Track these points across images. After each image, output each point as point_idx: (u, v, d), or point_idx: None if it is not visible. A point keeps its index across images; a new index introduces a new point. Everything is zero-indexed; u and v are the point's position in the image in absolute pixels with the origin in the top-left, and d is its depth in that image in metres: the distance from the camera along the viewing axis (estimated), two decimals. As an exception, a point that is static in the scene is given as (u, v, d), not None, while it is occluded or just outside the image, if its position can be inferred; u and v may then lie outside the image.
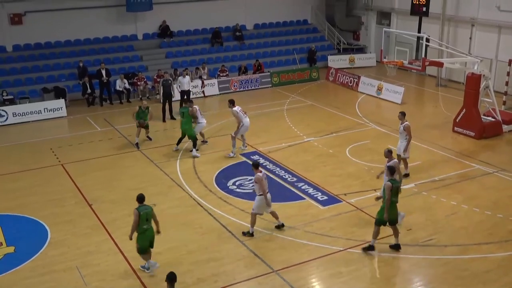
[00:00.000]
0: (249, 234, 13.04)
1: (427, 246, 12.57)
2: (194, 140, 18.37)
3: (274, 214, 13.26)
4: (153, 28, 30.35)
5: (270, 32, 33.34)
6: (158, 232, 11.73)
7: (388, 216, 11.96)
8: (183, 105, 20.23)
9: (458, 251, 12.35)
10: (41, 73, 26.55)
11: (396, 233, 12.30)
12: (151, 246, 11.56)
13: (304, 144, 19.47)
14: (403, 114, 16.08)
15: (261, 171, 12.81)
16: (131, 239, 11.43)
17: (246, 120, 18.23)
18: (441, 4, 27.21)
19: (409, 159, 16.45)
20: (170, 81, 22.98)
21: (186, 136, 18.48)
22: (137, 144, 19.25)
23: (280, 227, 13.33)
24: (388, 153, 13.62)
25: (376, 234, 12.17)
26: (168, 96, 22.69)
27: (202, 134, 19.45)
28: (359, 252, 12.30)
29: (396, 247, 12.30)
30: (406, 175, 16.02)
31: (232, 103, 18.20)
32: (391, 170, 12.13)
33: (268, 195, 12.80)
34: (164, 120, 22.41)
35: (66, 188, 16.19)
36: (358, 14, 34.88)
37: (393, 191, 11.88)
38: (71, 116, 23.81)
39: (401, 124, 15.95)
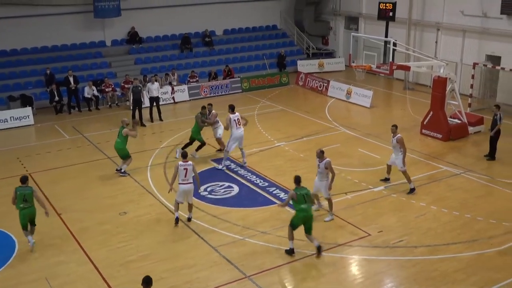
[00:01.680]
0: (176, 221, 13.91)
1: (397, 247, 12.72)
2: (195, 143, 18.31)
3: (189, 206, 14.11)
4: (122, 34, 30.10)
5: (240, 37, 33.40)
6: (46, 213, 12.95)
7: (291, 220, 12.31)
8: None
9: (427, 251, 12.54)
10: (7, 81, 26.04)
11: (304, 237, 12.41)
12: (32, 223, 12.89)
13: (275, 148, 19.53)
14: (395, 127, 15.48)
15: (186, 162, 13.69)
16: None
17: (237, 132, 17.38)
18: (407, 9, 27.69)
19: (380, 161, 16.62)
20: (140, 88, 22.81)
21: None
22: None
23: (189, 219, 14.10)
24: (320, 153, 13.85)
25: (290, 236, 12.31)
26: (138, 102, 22.51)
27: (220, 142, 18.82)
28: (332, 255, 12.37)
29: (319, 250, 12.33)
30: (412, 190, 15.52)
31: (232, 109, 17.55)
32: (297, 179, 12.42)
33: (185, 186, 13.62)
34: (134, 127, 22.18)
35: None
36: (326, 19, 35.21)
37: (299, 200, 12.10)
38: (39, 124, 23.42)
39: (393, 137, 15.44)
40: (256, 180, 16.72)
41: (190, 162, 13.75)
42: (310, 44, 34.60)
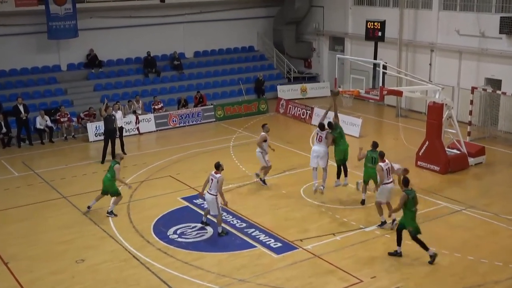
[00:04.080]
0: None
1: (393, 295, 12.71)
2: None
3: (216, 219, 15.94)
4: (80, 57, 30.08)
5: (213, 60, 33.63)
6: None
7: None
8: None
9: (427, 299, 12.54)
10: None
11: None
12: None
13: (253, 184, 19.50)
14: (380, 156, 15.98)
15: (216, 173, 15.26)
16: None
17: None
18: (398, 29, 28.23)
19: (371, 197, 16.63)
20: (114, 117, 22.35)
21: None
22: None
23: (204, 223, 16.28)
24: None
25: None
26: (111, 133, 22.10)
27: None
28: (319, 305, 12.29)
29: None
30: (383, 223, 15.95)
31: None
32: (373, 144, 16.61)
33: (207, 196, 15.54)
34: (103, 162, 21.76)
35: (-23, 244, 15.58)
36: (308, 40, 35.70)
37: (367, 159, 16.55)
38: (-17, 159, 23.15)
39: None
40: (232, 221, 16.63)
41: (218, 175, 15.21)
42: (291, 67, 34.97)
